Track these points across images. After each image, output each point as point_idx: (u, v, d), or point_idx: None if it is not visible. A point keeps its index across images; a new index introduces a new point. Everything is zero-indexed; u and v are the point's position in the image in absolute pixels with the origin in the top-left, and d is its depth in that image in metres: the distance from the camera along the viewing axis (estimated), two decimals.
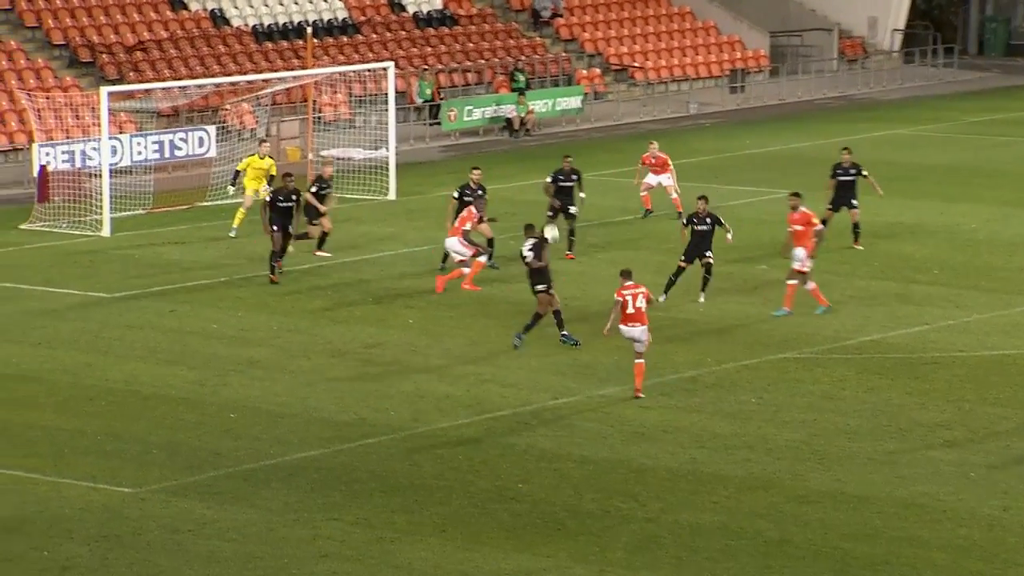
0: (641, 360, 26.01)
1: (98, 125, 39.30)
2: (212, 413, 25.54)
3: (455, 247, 32.52)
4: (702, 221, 30.95)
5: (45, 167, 40.35)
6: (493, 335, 29.56)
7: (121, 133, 43.38)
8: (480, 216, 32.83)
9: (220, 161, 42.44)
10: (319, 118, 45.94)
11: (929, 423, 25.25)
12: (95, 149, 40.61)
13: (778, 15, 60.61)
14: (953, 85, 60.07)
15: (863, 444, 24.36)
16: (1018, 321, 30.44)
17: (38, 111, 42.81)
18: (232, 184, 37.75)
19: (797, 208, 30.70)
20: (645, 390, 26.16)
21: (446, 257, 33.29)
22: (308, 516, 21.71)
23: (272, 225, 32.74)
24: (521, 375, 27.36)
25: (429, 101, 50.76)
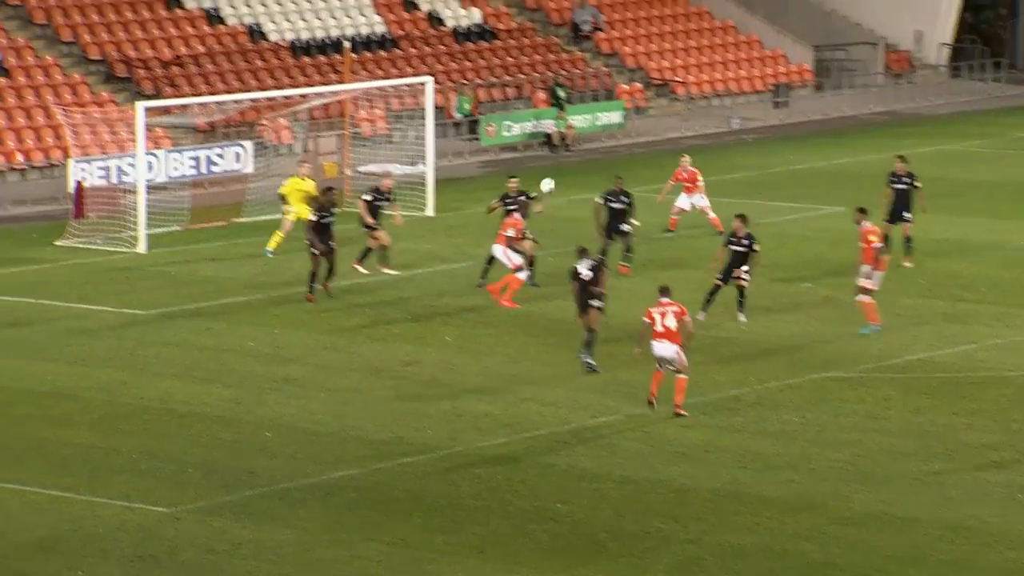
0: (682, 376, 25.96)
1: (134, 141, 39.49)
2: (248, 432, 25.61)
3: (501, 255, 32.54)
4: (739, 242, 30.88)
5: (81, 183, 40.57)
6: (532, 353, 29.55)
7: (157, 149, 43.55)
8: (522, 231, 32.79)
9: (257, 177, 42.59)
10: (356, 133, 46.08)
11: (976, 444, 25.11)
12: (131, 165, 40.79)
13: (822, 29, 60.44)
14: (1001, 100, 59.77)
15: (909, 465, 24.24)
16: None
17: (74, 127, 43.06)
18: (283, 206, 36.87)
19: (860, 224, 30.76)
20: (686, 408, 26.10)
21: (486, 272, 33.29)
22: (345, 536, 21.72)
23: (316, 248, 32.36)
24: (560, 394, 27.33)
25: (468, 116, 50.85)
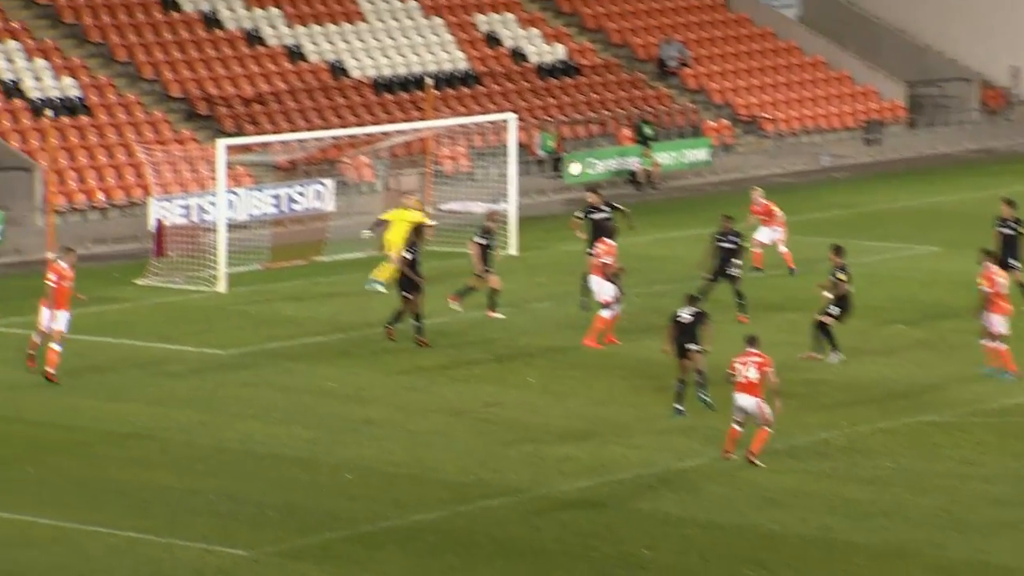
0: (765, 428, 25.74)
1: (215, 179, 39.89)
2: (327, 473, 25.71)
3: (598, 286, 32.38)
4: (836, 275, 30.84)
5: (161, 221, 41.00)
6: (617, 395, 29.51)
7: (238, 187, 43.92)
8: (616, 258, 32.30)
9: (338, 215, 42.84)
10: (438, 171, 46.30)
11: None
12: (212, 203, 41.17)
13: (916, 64, 60.16)
14: None
15: (1007, 513, 23.98)
16: None
17: (155, 165, 43.53)
18: (371, 230, 36.45)
19: (984, 265, 30.27)
20: (774, 453, 25.93)
21: (587, 301, 33.06)
22: None
23: (407, 291, 32.08)
24: (645, 437, 27.28)
25: (551, 153, 50.99)
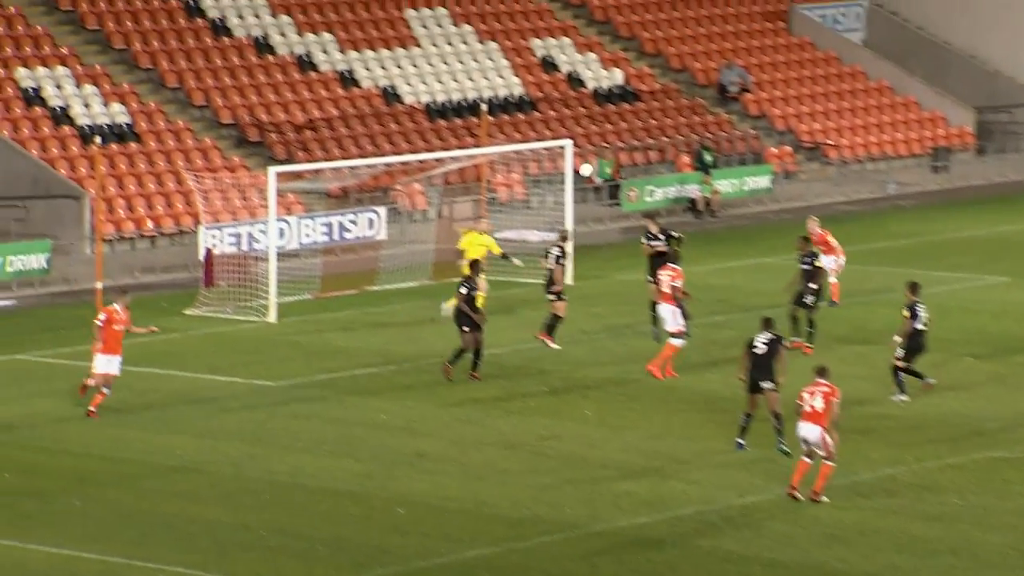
0: (828, 463, 25.55)
1: (265, 207, 39.99)
2: (379, 507, 25.66)
3: (668, 314, 32.21)
4: (913, 312, 30.54)
5: (211, 250, 41.12)
6: (676, 428, 29.36)
7: (289, 215, 44.06)
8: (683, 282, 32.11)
9: (390, 244, 42.88)
10: (493, 198, 46.29)
11: None
12: (262, 231, 41.30)
13: (985, 90, 59.80)
14: None
15: None
16: None
17: (205, 192, 43.68)
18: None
19: None
20: (837, 489, 25.72)
21: (659, 332, 32.84)
22: None
23: (465, 326, 31.77)
24: (706, 472, 27.11)
25: (609, 181, 50.92)
